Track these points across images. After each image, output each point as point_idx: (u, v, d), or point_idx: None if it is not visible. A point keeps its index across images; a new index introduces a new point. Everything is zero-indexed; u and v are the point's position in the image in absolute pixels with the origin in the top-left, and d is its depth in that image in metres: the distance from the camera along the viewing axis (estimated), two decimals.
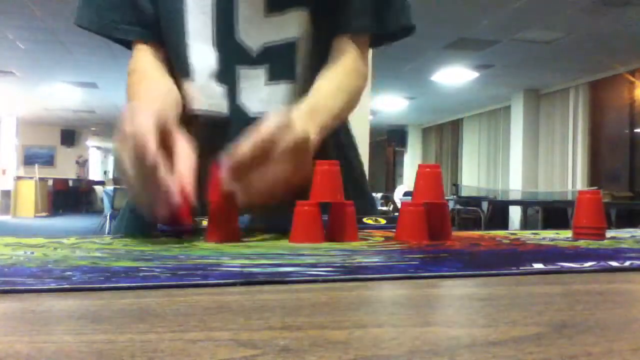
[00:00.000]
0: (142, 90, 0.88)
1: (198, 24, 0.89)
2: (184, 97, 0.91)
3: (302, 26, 0.90)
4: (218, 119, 0.90)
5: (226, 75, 0.90)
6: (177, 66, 0.92)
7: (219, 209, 0.66)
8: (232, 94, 0.90)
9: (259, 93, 0.90)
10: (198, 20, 0.89)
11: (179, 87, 0.91)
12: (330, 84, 0.88)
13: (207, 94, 0.90)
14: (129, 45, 0.96)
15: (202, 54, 0.90)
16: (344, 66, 0.91)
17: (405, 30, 0.96)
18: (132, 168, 0.64)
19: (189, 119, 0.88)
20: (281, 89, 0.91)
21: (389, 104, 11.35)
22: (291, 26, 0.90)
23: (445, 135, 13.79)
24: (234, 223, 0.67)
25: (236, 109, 0.90)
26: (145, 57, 0.93)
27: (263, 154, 0.66)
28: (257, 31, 0.89)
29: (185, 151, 0.68)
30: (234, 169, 0.65)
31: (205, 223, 0.72)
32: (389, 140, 15.07)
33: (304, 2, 0.90)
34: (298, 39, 0.90)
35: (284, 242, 0.65)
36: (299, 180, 0.69)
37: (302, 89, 0.90)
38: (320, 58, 0.92)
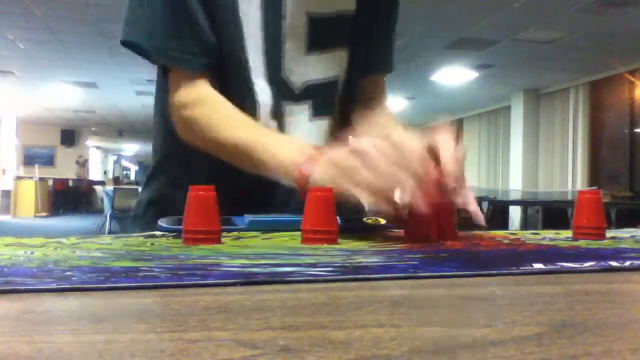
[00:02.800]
0: (244, 120, 0.85)
1: (256, 62, 0.89)
2: None
3: (341, 66, 0.95)
4: None
5: (276, 111, 0.91)
6: (241, 102, 0.87)
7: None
8: (282, 129, 0.92)
9: (303, 129, 0.93)
10: (256, 57, 0.89)
11: None
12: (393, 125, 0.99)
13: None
14: (164, 69, 0.91)
15: (263, 90, 0.90)
16: (387, 109, 1.04)
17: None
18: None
19: None
20: (324, 124, 0.95)
21: (389, 104, 11.33)
22: (332, 65, 0.94)
23: None
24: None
25: None
26: (211, 90, 0.87)
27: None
28: (299, 69, 0.92)
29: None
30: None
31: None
32: None
33: (344, 42, 0.95)
34: (338, 77, 0.95)
35: (284, 242, 0.65)
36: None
37: (337, 122, 0.97)
38: (351, 93, 0.99)
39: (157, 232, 0.76)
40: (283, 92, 0.91)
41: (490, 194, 10.52)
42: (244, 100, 0.89)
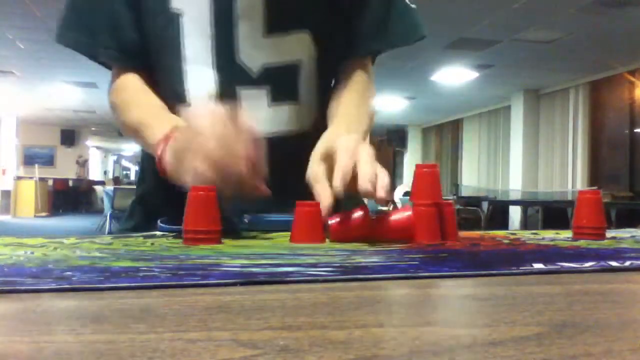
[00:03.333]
0: (146, 101, 0.90)
1: (197, 48, 0.88)
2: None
3: (303, 48, 0.91)
4: None
5: (226, 96, 0.88)
6: (169, 92, 0.91)
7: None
8: None
9: (261, 114, 0.89)
10: (197, 44, 0.88)
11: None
12: (356, 106, 0.92)
13: None
14: (109, 66, 0.98)
15: (201, 77, 0.89)
16: (360, 86, 0.95)
17: (408, 40, 0.99)
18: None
19: None
20: (284, 110, 0.91)
21: (389, 104, 11.35)
22: (292, 48, 0.90)
23: (445, 135, 13.79)
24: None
25: None
26: (133, 78, 0.93)
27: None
28: (257, 52, 0.89)
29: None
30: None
31: None
32: (389, 140, 15.07)
33: (304, 25, 0.91)
34: (300, 61, 0.91)
35: (284, 242, 0.65)
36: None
37: (307, 110, 0.93)
38: (325, 80, 0.95)
39: (157, 232, 0.76)
40: (237, 76, 0.89)
41: (490, 194, 10.53)
42: (175, 89, 0.90)
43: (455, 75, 8.82)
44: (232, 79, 0.89)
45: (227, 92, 0.89)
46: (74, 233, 0.94)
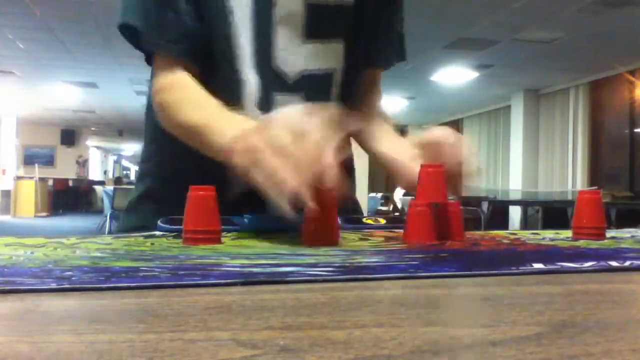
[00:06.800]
0: (208, 103, 0.83)
1: (245, 49, 0.87)
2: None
3: (337, 57, 0.94)
4: None
5: (266, 102, 0.89)
6: (225, 94, 0.87)
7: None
8: None
9: None
10: (245, 45, 0.87)
11: None
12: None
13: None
14: (149, 59, 0.92)
15: (249, 80, 0.89)
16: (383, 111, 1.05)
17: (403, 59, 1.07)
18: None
19: None
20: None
21: (389, 104, 11.35)
22: (328, 56, 0.93)
23: None
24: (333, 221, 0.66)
25: None
26: (186, 77, 0.87)
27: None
28: (294, 58, 0.90)
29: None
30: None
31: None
32: None
33: (340, 34, 0.93)
34: (334, 70, 0.93)
35: (284, 242, 0.65)
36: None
37: None
38: (347, 89, 0.97)
39: (157, 232, 0.76)
40: (274, 82, 0.89)
41: (490, 194, 10.52)
42: (231, 90, 0.89)
43: (455, 75, 8.82)
44: (270, 84, 0.89)
45: (266, 97, 0.89)
46: (74, 233, 0.94)
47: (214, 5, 0.87)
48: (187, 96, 0.86)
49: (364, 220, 0.88)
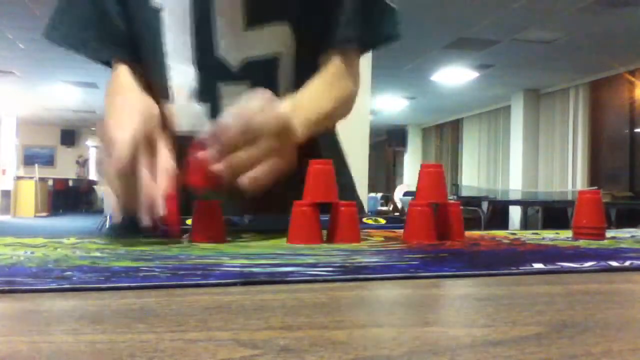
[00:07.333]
0: (121, 102, 0.84)
1: (177, 43, 0.87)
2: (165, 118, 0.86)
3: (283, 41, 0.89)
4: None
5: (207, 93, 0.88)
6: (156, 88, 0.90)
7: (204, 208, 0.66)
8: (214, 112, 0.87)
9: None
10: (178, 39, 0.87)
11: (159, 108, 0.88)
12: (315, 86, 0.87)
13: (188, 114, 0.89)
14: (107, 64, 0.95)
15: (182, 73, 0.88)
16: (330, 72, 0.90)
17: (390, 38, 0.94)
18: (116, 178, 0.65)
19: (171, 141, 0.83)
20: None
21: (389, 104, 11.34)
22: (272, 41, 0.88)
23: (445, 135, 13.78)
24: (219, 222, 0.67)
25: None
26: (123, 75, 0.91)
27: (247, 132, 0.66)
28: (236, 46, 0.87)
29: (165, 159, 0.69)
30: (219, 148, 0.65)
31: (189, 222, 0.71)
32: (389, 140, 15.06)
33: (284, 17, 0.88)
34: (280, 54, 0.89)
35: (284, 242, 0.65)
36: (284, 164, 0.69)
37: None
38: (306, 74, 0.90)
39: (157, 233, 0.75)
40: (217, 72, 0.87)
41: (490, 194, 10.52)
42: (159, 85, 0.90)
43: (455, 75, 8.82)
44: (212, 74, 0.88)
45: (207, 88, 0.88)
46: (74, 233, 0.94)
47: (137, 3, 0.89)
48: (110, 92, 0.89)
49: (364, 220, 0.88)
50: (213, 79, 0.88)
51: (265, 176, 0.67)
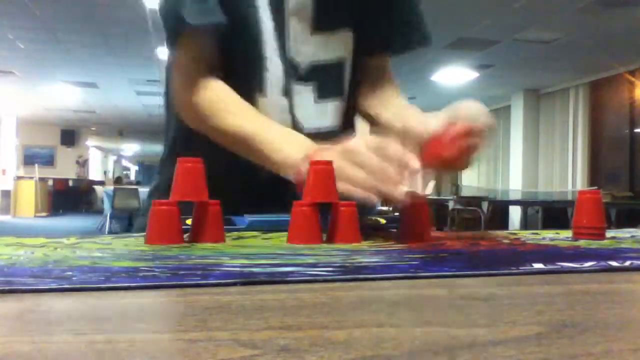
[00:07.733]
0: (246, 110, 0.85)
1: (267, 36, 0.89)
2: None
3: (348, 46, 0.95)
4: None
5: (287, 89, 0.91)
6: (250, 76, 0.89)
7: (204, 208, 0.65)
8: (291, 109, 0.91)
9: (309, 109, 0.93)
10: (267, 32, 0.89)
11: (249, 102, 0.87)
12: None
13: (277, 109, 0.90)
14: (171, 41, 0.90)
15: (275, 66, 0.90)
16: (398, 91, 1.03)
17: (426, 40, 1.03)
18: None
19: None
20: (330, 106, 0.95)
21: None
22: (338, 46, 0.94)
23: None
24: (219, 222, 0.66)
25: (295, 123, 0.92)
26: (210, 78, 0.87)
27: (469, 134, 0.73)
28: (305, 49, 0.92)
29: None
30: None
31: (189, 222, 0.69)
32: None
33: (349, 23, 0.94)
34: (345, 59, 0.95)
35: (284, 242, 0.65)
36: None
37: (347, 105, 0.97)
38: (358, 74, 0.98)
39: None
40: (289, 71, 0.91)
41: (490, 194, 10.52)
42: (254, 74, 0.89)
43: (455, 75, 8.82)
44: (288, 72, 0.91)
45: (287, 85, 0.91)
46: (74, 233, 0.94)
47: None
48: (218, 98, 0.86)
49: (365, 220, 0.88)
50: (289, 77, 0.91)
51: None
